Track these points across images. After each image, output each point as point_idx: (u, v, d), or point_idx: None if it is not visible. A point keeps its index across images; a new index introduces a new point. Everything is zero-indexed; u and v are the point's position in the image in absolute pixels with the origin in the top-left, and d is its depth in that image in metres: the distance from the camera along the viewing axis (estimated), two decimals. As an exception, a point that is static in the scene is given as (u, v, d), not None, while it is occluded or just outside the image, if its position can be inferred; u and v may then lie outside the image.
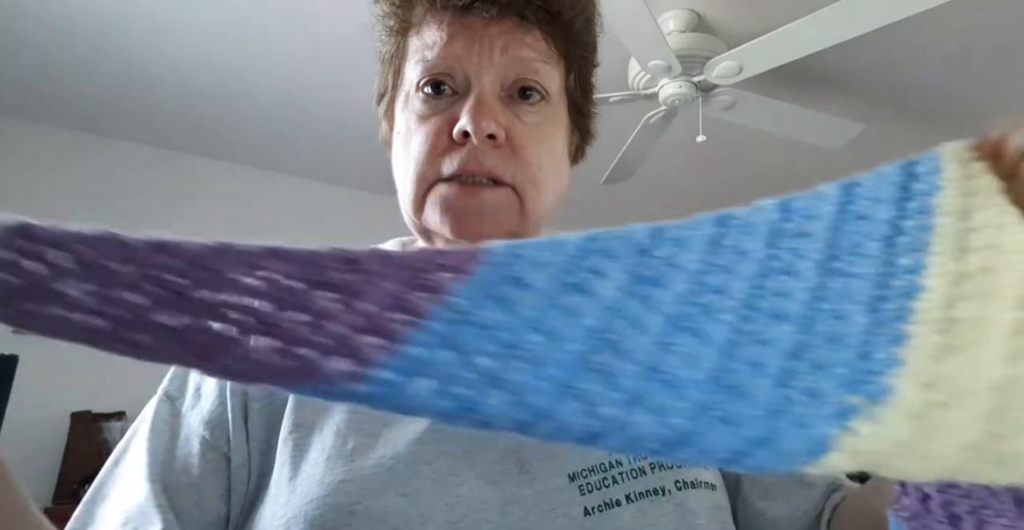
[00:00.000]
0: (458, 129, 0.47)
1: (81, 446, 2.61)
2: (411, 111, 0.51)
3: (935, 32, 2.13)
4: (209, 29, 2.19)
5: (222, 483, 0.46)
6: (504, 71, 0.49)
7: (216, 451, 0.46)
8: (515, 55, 0.49)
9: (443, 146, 0.48)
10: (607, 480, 0.44)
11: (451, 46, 0.48)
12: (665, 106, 2.13)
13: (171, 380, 0.51)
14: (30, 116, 2.86)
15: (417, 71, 0.50)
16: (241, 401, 0.47)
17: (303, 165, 3.35)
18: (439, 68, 0.49)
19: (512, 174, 0.49)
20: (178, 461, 0.46)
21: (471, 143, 0.47)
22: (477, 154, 0.48)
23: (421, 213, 0.50)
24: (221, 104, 2.71)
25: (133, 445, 0.48)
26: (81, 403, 2.72)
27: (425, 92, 0.49)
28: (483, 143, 0.47)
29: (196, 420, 0.47)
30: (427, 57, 0.49)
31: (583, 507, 0.43)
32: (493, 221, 0.49)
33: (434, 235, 0.52)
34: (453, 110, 0.48)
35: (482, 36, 0.48)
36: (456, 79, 0.49)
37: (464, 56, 0.48)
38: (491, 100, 0.48)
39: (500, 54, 0.48)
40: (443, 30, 0.49)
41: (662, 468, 0.46)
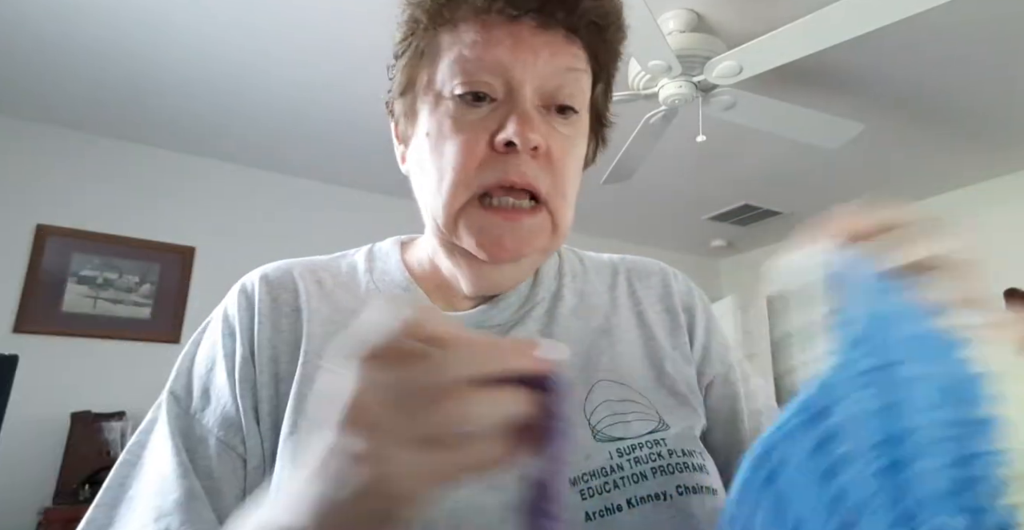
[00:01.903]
0: (503, 139, 0.46)
1: (81, 446, 2.61)
2: (446, 115, 0.48)
3: (935, 32, 2.13)
4: (210, 30, 2.19)
5: (239, 484, 0.46)
6: (545, 82, 0.48)
7: (232, 451, 0.46)
8: (557, 67, 0.48)
9: (482, 155, 0.47)
10: (608, 485, 0.44)
11: (495, 52, 0.47)
12: (665, 106, 2.14)
13: (176, 378, 0.51)
14: (30, 116, 2.86)
15: (455, 73, 0.48)
16: (252, 403, 0.47)
17: (303, 165, 3.35)
18: (481, 74, 0.47)
19: (547, 186, 0.48)
20: (199, 463, 0.46)
21: (514, 154, 0.47)
22: (520, 165, 0.47)
23: (454, 229, 0.49)
24: (221, 105, 2.71)
25: (155, 445, 0.48)
26: (81, 403, 2.72)
27: (464, 97, 0.47)
28: (526, 155, 0.47)
29: (210, 422, 0.47)
30: (468, 60, 0.47)
31: (584, 512, 0.43)
32: (529, 245, 0.49)
33: (457, 250, 0.52)
34: (493, 118, 0.47)
35: (529, 45, 0.47)
36: (496, 86, 0.47)
37: (508, 64, 0.47)
38: (532, 111, 0.47)
39: (544, 65, 0.47)
40: (487, 33, 0.47)
41: (663, 473, 0.45)
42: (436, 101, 0.49)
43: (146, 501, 0.45)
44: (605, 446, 0.46)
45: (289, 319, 0.51)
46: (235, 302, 0.52)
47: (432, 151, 0.49)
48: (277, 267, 0.55)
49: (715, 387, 0.57)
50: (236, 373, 0.48)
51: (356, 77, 2.45)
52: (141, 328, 2.96)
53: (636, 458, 0.46)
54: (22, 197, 2.84)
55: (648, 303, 0.59)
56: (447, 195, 0.48)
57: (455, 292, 0.55)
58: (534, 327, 0.54)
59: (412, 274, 0.56)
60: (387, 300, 0.53)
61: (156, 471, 0.46)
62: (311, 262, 0.57)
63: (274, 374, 0.48)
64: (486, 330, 0.53)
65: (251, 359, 0.48)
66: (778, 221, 4.07)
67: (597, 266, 0.63)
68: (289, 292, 0.52)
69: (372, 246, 0.60)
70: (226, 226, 3.26)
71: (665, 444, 0.47)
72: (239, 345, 0.49)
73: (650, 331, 0.57)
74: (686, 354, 0.57)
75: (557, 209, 0.50)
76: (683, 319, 0.59)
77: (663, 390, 0.53)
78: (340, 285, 0.55)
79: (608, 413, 0.49)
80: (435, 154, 0.49)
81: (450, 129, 0.48)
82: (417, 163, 0.52)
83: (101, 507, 0.46)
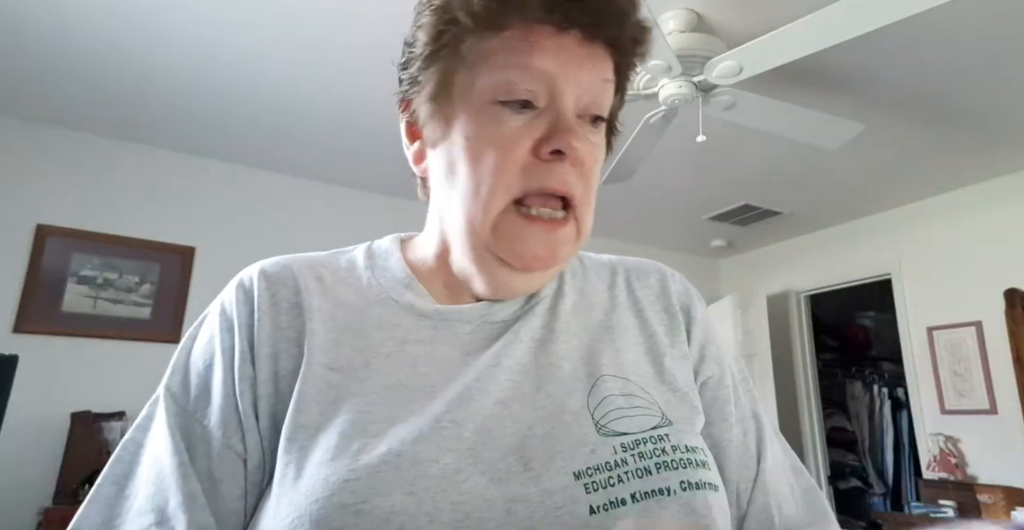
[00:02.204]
0: (552, 148, 0.48)
1: (81, 446, 2.61)
2: (490, 120, 0.49)
3: (935, 32, 2.13)
4: (210, 30, 2.19)
5: (239, 484, 0.45)
6: (584, 93, 0.50)
7: (231, 451, 0.46)
8: (595, 78, 0.50)
9: (523, 161, 0.48)
10: (612, 479, 0.44)
11: (542, 61, 0.48)
12: (665, 106, 2.13)
13: (172, 375, 0.50)
14: (30, 116, 2.86)
15: (502, 80, 0.48)
16: (251, 400, 0.47)
17: (303, 165, 3.35)
18: (527, 82, 0.48)
19: (580, 193, 0.50)
20: (198, 464, 0.45)
21: (558, 162, 0.48)
22: (562, 173, 0.49)
23: (491, 234, 0.50)
24: (221, 105, 2.71)
25: (153, 444, 0.47)
26: (81, 403, 2.72)
27: (509, 104, 0.48)
28: (567, 164, 0.49)
29: (210, 421, 0.47)
30: (516, 67, 0.48)
31: (588, 505, 0.43)
32: (562, 255, 0.51)
33: (489, 255, 0.52)
34: (536, 125, 0.49)
35: (575, 57, 0.48)
36: (540, 94, 0.49)
37: (554, 74, 0.48)
38: (573, 120, 0.49)
39: (585, 76, 0.49)
40: (536, 42, 0.48)
41: (667, 468, 0.46)
42: (479, 106, 0.49)
43: (145, 503, 0.44)
44: (609, 440, 0.47)
45: (288, 316, 0.51)
46: (233, 297, 0.51)
47: (470, 155, 0.49)
48: (275, 262, 0.54)
49: (708, 388, 0.57)
50: (235, 370, 0.48)
51: (356, 77, 2.45)
52: (141, 328, 2.96)
53: (640, 453, 0.46)
54: (22, 197, 2.84)
55: (647, 302, 0.60)
56: (486, 199, 0.49)
57: (460, 289, 0.55)
58: (537, 323, 0.55)
59: (413, 270, 0.56)
60: None
61: (155, 471, 0.46)
62: (309, 258, 0.56)
63: (274, 372, 0.48)
64: (488, 325, 0.54)
65: (250, 355, 0.48)
66: (778, 221, 4.07)
67: (596, 266, 0.63)
68: (288, 288, 0.52)
69: (370, 243, 0.60)
70: (226, 226, 3.26)
71: (669, 440, 0.48)
72: (238, 341, 0.49)
73: (650, 329, 0.58)
74: (684, 352, 0.58)
75: (583, 216, 0.51)
76: (681, 318, 0.59)
77: (664, 386, 0.54)
78: (340, 281, 0.55)
79: (612, 408, 0.49)
80: (474, 158, 0.49)
81: (493, 134, 0.49)
82: (446, 166, 0.52)
83: (95, 504, 0.46)
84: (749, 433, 0.58)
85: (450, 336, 0.52)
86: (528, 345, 0.53)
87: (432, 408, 0.46)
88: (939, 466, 3.33)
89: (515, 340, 0.52)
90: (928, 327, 3.56)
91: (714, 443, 0.55)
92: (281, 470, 0.44)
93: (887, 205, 3.80)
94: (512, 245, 0.50)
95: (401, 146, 0.58)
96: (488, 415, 0.47)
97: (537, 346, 0.53)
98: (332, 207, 3.55)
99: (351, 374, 0.48)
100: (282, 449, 0.44)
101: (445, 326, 0.53)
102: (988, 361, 3.26)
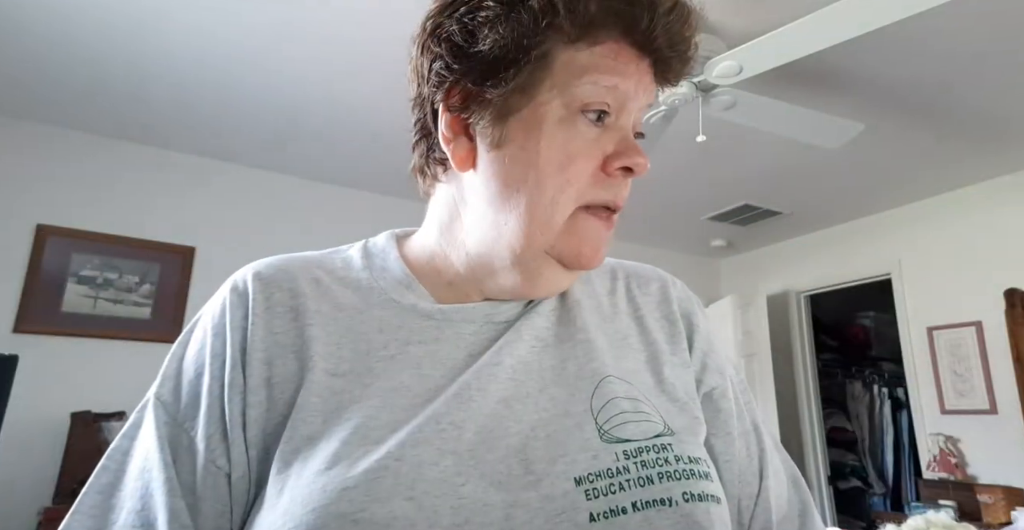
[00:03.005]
0: (625, 165, 0.51)
1: (81, 446, 2.61)
2: (574, 130, 0.50)
3: (935, 32, 2.13)
4: (210, 31, 2.19)
5: (223, 500, 0.45)
6: (639, 114, 0.53)
7: (213, 464, 0.45)
8: (647, 101, 0.53)
9: (593, 172, 0.50)
10: (614, 486, 0.44)
11: (623, 81, 0.50)
12: (665, 106, 2.13)
13: (162, 383, 0.49)
14: (31, 116, 2.86)
15: (591, 93, 0.49)
16: (240, 409, 0.46)
17: (303, 165, 3.35)
18: (609, 97, 0.50)
19: None
20: (182, 478, 0.45)
21: (626, 179, 0.52)
22: (623, 189, 0.52)
23: (555, 234, 0.51)
24: (222, 105, 2.71)
25: (140, 454, 0.47)
26: (81, 403, 2.72)
27: (590, 116, 0.50)
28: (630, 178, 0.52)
29: (197, 433, 0.46)
30: (605, 83, 0.49)
31: (588, 512, 0.42)
32: (604, 254, 0.54)
33: (545, 255, 0.52)
34: (606, 140, 0.51)
35: (643, 81, 0.51)
36: (613, 110, 0.51)
37: (629, 95, 0.50)
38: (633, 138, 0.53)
39: (644, 98, 0.52)
40: (622, 62, 0.50)
41: (670, 478, 0.45)
42: (559, 115, 0.49)
43: (131, 517, 0.44)
44: (612, 447, 0.46)
45: (284, 319, 0.49)
46: (226, 300, 0.50)
47: (547, 160, 0.49)
48: (269, 264, 0.53)
49: (711, 400, 0.57)
50: (225, 377, 0.47)
51: (356, 77, 2.45)
52: (141, 328, 2.97)
53: (643, 461, 0.45)
54: (22, 197, 2.84)
55: (647, 310, 0.59)
56: (560, 203, 0.50)
57: (465, 287, 0.54)
58: (540, 323, 0.54)
59: (412, 269, 0.55)
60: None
61: (141, 483, 0.45)
62: (304, 258, 0.55)
63: (266, 378, 0.47)
64: (492, 325, 0.53)
65: (241, 361, 0.47)
66: (778, 221, 4.07)
67: (597, 269, 0.62)
68: (283, 291, 0.51)
69: (366, 242, 0.59)
70: (226, 226, 3.26)
71: (671, 449, 0.47)
72: (229, 346, 0.48)
73: (650, 337, 0.57)
74: (685, 361, 0.57)
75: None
76: (682, 326, 0.59)
77: (664, 396, 0.53)
78: (337, 282, 0.54)
79: (615, 412, 0.48)
80: (550, 163, 0.49)
81: (570, 143, 0.50)
82: (513, 167, 0.50)
83: (80, 515, 0.45)
84: (751, 446, 0.57)
85: (453, 336, 0.51)
86: (531, 344, 0.52)
87: (433, 409, 0.45)
88: (939, 466, 3.33)
89: (517, 339, 0.52)
90: (928, 327, 3.56)
91: (716, 456, 0.54)
92: (279, 478, 0.43)
93: (887, 205, 3.80)
94: (579, 242, 0.51)
95: (401, 146, 0.57)
96: (489, 415, 0.46)
97: (541, 346, 0.52)
98: (332, 207, 3.55)
99: (354, 379, 0.47)
100: (281, 460, 0.44)
101: (448, 326, 0.52)
102: (988, 361, 3.26)
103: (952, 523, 0.48)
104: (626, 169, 0.51)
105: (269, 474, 0.44)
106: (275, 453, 0.44)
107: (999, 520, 2.92)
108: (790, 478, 0.59)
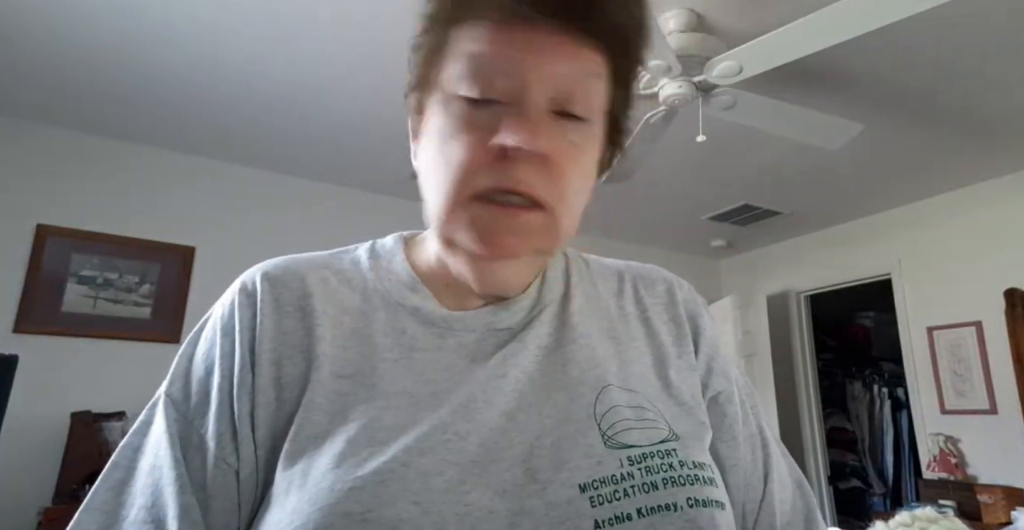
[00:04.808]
0: (499, 143, 0.45)
1: (81, 446, 2.61)
2: (451, 115, 0.47)
3: (935, 32, 2.13)
4: (210, 31, 2.19)
5: (232, 497, 0.45)
6: (556, 86, 0.46)
7: (224, 462, 0.45)
8: (573, 71, 0.46)
9: (481, 159, 0.45)
10: (618, 493, 0.43)
11: (507, 54, 0.45)
12: (665, 106, 2.13)
13: (172, 381, 0.49)
14: (30, 116, 2.86)
15: (461, 72, 0.46)
16: (249, 409, 0.46)
17: (303, 165, 3.35)
18: (489, 75, 0.45)
19: (548, 193, 0.46)
20: (193, 475, 0.45)
21: (514, 160, 0.45)
22: (517, 172, 0.45)
23: (452, 224, 0.48)
24: (221, 105, 2.71)
25: (151, 451, 0.47)
26: (81, 403, 2.72)
27: (468, 98, 0.46)
28: (526, 161, 0.45)
29: (207, 430, 0.46)
30: (479, 60, 0.46)
31: (593, 520, 0.42)
32: (525, 242, 0.47)
33: (457, 249, 0.51)
34: (496, 121, 0.45)
35: (542, 48, 0.45)
36: (505, 89, 0.46)
37: (519, 67, 0.45)
38: (539, 115, 0.46)
39: (558, 69, 0.46)
40: (502, 34, 0.45)
41: (675, 484, 0.45)
42: (445, 100, 0.48)
43: (142, 513, 0.44)
44: (616, 453, 0.45)
45: (292, 319, 0.50)
46: (235, 300, 0.50)
47: (438, 149, 0.48)
48: (277, 264, 0.53)
49: (718, 404, 0.56)
50: (234, 377, 0.47)
51: (356, 77, 2.45)
52: (141, 328, 2.96)
53: (647, 467, 0.45)
54: (22, 197, 2.84)
55: (654, 311, 0.59)
56: (443, 196, 0.47)
57: (464, 291, 0.54)
58: (543, 331, 0.53)
59: (418, 272, 0.55)
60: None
61: (152, 480, 0.45)
62: (312, 259, 0.55)
63: (275, 378, 0.47)
64: (495, 332, 0.52)
65: (250, 361, 0.47)
66: (778, 221, 4.07)
67: (603, 272, 0.62)
68: (292, 291, 0.51)
69: (374, 243, 0.59)
70: (226, 226, 3.26)
71: (676, 455, 0.47)
72: (238, 346, 0.48)
73: (657, 339, 0.57)
74: (691, 364, 0.56)
75: (561, 215, 0.48)
76: (688, 328, 0.58)
77: (670, 400, 0.53)
78: (344, 283, 0.54)
79: (619, 419, 0.48)
80: (440, 152, 0.48)
81: (456, 129, 0.47)
82: (424, 159, 0.51)
83: (92, 512, 0.45)
84: (757, 451, 0.57)
85: (456, 345, 0.51)
86: (535, 353, 0.52)
87: (437, 418, 0.45)
88: (939, 466, 3.33)
89: (522, 349, 0.51)
90: (928, 327, 3.56)
91: (721, 461, 0.54)
92: (286, 479, 0.43)
93: (887, 205, 3.80)
94: (471, 230, 0.47)
95: (401, 146, 0.57)
96: (493, 428, 0.46)
97: (544, 355, 0.52)
98: (333, 207, 3.55)
99: (359, 380, 0.47)
100: (287, 459, 0.44)
101: (451, 335, 0.52)
102: (988, 361, 3.26)
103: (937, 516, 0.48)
104: (506, 148, 0.44)
105: (275, 472, 0.44)
106: (282, 452, 0.44)
107: (999, 520, 2.92)
108: (795, 483, 0.59)
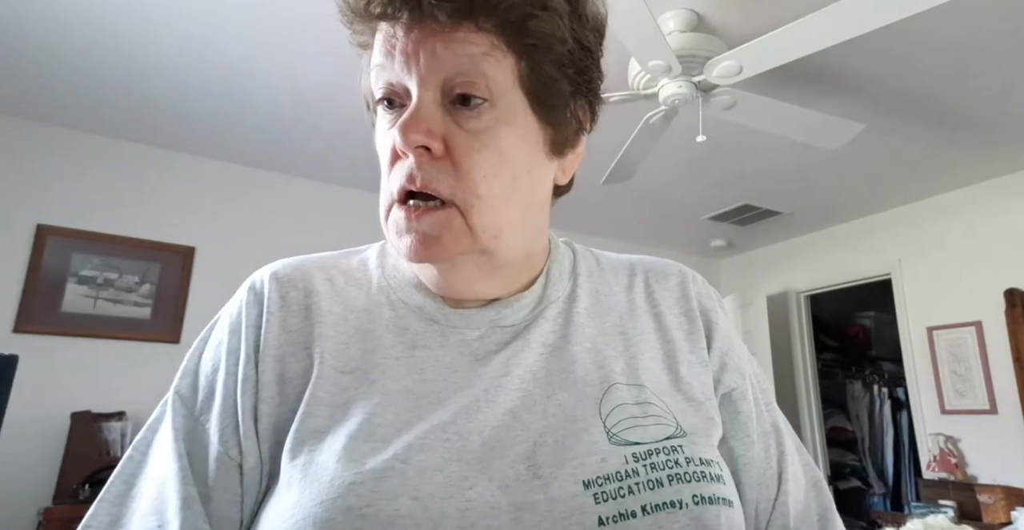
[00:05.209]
0: (391, 146, 0.47)
1: (81, 446, 2.61)
2: (378, 123, 0.51)
3: (935, 32, 2.13)
4: (210, 30, 2.19)
5: (235, 490, 0.46)
6: (438, 75, 0.45)
7: (227, 456, 0.46)
8: (453, 55, 0.45)
9: (391, 163, 0.48)
10: (623, 490, 0.43)
11: (390, 58, 0.47)
12: (665, 106, 2.13)
13: (182, 378, 0.50)
14: (30, 116, 2.86)
15: (374, 82, 0.49)
16: (252, 403, 0.47)
17: (303, 165, 3.35)
18: (386, 80, 0.47)
19: (451, 188, 0.46)
20: (196, 468, 0.46)
21: (408, 158, 0.46)
22: (412, 169, 0.46)
23: (386, 233, 0.51)
24: (221, 105, 2.71)
25: (159, 446, 0.48)
26: (81, 403, 2.72)
27: (381, 107, 0.49)
28: (419, 157, 0.45)
29: (212, 426, 0.47)
30: (377, 69, 0.48)
31: (597, 516, 0.42)
32: (437, 245, 0.47)
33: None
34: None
35: (413, 43, 0.45)
36: (400, 90, 0.47)
37: (400, 67, 0.46)
38: (428, 109, 0.45)
39: (430, 58, 0.45)
40: (384, 43, 0.47)
41: (680, 481, 0.44)
42: (375, 109, 0.51)
43: (147, 504, 0.45)
44: (621, 450, 0.45)
45: (298, 318, 0.50)
46: (244, 299, 0.52)
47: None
48: (286, 264, 0.55)
49: (731, 401, 0.55)
50: (239, 372, 0.48)
51: (356, 77, 2.45)
52: (141, 328, 2.96)
53: (652, 464, 0.45)
54: (22, 197, 2.84)
55: (666, 306, 0.58)
56: (382, 202, 0.50)
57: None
58: (548, 328, 0.53)
59: (423, 269, 0.55)
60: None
61: (159, 473, 0.47)
62: (321, 259, 0.56)
63: (279, 374, 0.48)
64: (498, 330, 0.52)
65: (254, 357, 0.48)
66: (778, 221, 4.07)
67: (614, 266, 0.61)
68: (299, 290, 0.52)
69: (383, 242, 0.59)
70: (226, 226, 3.26)
71: (682, 451, 0.46)
72: (243, 342, 0.49)
73: (668, 334, 0.56)
74: (703, 359, 0.55)
75: (469, 210, 0.46)
76: (700, 323, 0.57)
77: (680, 395, 0.52)
78: (351, 282, 0.55)
79: (624, 416, 0.48)
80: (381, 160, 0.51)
81: (379, 136, 0.50)
82: None
83: (105, 503, 0.47)
84: (771, 449, 0.56)
85: (458, 342, 0.51)
86: (539, 351, 0.51)
87: (439, 417, 0.45)
88: (939, 466, 3.33)
89: (525, 347, 0.51)
90: (928, 327, 3.56)
91: (734, 459, 0.53)
92: (288, 472, 0.44)
93: (887, 205, 3.80)
94: (393, 236, 0.49)
95: None
96: (496, 426, 0.46)
97: (549, 352, 0.52)
98: (333, 207, 3.55)
99: (361, 375, 0.48)
100: (289, 452, 0.44)
101: (453, 332, 0.52)
102: (988, 361, 3.26)
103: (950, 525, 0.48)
104: (393, 151, 0.47)
105: (279, 466, 0.45)
106: (285, 445, 0.45)
107: (999, 520, 2.92)
108: (811, 481, 0.58)
